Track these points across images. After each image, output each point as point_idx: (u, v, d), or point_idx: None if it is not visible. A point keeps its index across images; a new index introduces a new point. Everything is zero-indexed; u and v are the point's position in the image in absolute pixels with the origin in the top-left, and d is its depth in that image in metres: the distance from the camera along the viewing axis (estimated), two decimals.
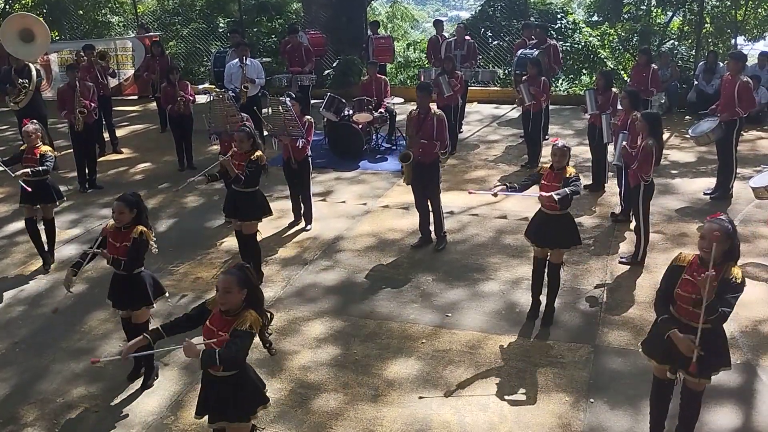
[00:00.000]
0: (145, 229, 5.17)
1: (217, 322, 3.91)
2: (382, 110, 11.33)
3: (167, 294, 5.59)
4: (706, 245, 3.98)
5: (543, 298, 6.20)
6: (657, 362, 4.33)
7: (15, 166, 7.20)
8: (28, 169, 7.06)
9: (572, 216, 6.03)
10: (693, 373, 4.08)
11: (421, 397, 5.15)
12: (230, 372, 3.93)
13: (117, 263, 5.14)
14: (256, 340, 4.02)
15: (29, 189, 7.03)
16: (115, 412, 5.15)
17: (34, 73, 10.65)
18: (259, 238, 7.13)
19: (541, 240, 5.96)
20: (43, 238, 7.70)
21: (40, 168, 7.10)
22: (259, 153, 6.75)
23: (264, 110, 11.09)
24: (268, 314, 4.13)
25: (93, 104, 9.94)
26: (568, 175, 5.74)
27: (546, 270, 6.08)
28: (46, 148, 7.31)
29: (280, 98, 8.23)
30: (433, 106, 7.97)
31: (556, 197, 5.57)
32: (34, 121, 7.55)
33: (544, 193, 5.68)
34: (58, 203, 7.59)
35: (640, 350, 4.47)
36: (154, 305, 5.41)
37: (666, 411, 4.52)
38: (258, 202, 6.87)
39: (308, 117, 8.16)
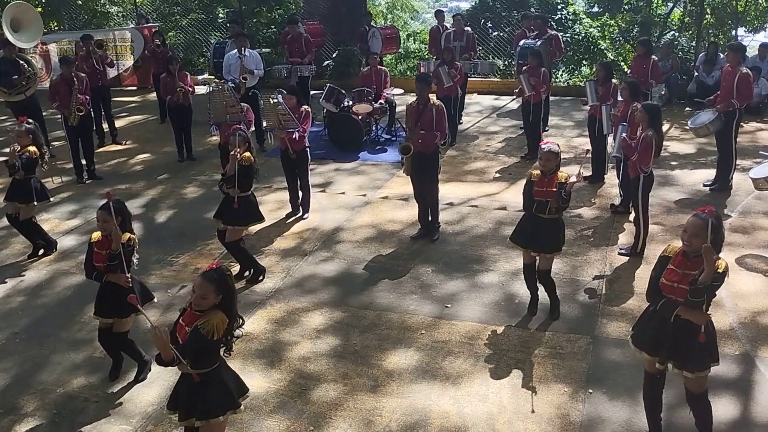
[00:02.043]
0: (132, 236, 5.17)
1: (188, 317, 3.89)
2: (381, 101, 11.31)
3: (155, 299, 5.55)
4: (687, 238, 4.05)
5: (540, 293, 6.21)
6: (646, 353, 4.32)
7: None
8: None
9: (563, 223, 5.93)
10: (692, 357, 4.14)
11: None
12: (200, 369, 3.88)
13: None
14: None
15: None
16: (115, 403, 5.16)
17: (33, 61, 10.70)
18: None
19: (526, 240, 5.84)
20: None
21: (16, 162, 7.13)
22: (247, 154, 6.63)
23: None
24: (240, 319, 4.05)
25: (86, 97, 9.90)
26: (562, 181, 5.59)
27: (539, 280, 6.01)
28: (32, 149, 7.25)
29: (271, 95, 8.23)
30: (432, 96, 7.95)
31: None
32: (30, 120, 7.53)
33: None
34: (36, 204, 7.46)
35: (630, 343, 4.46)
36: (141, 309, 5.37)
37: (659, 403, 4.52)
38: (250, 207, 6.71)
39: (305, 107, 8.16)
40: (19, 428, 4.93)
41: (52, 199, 7.84)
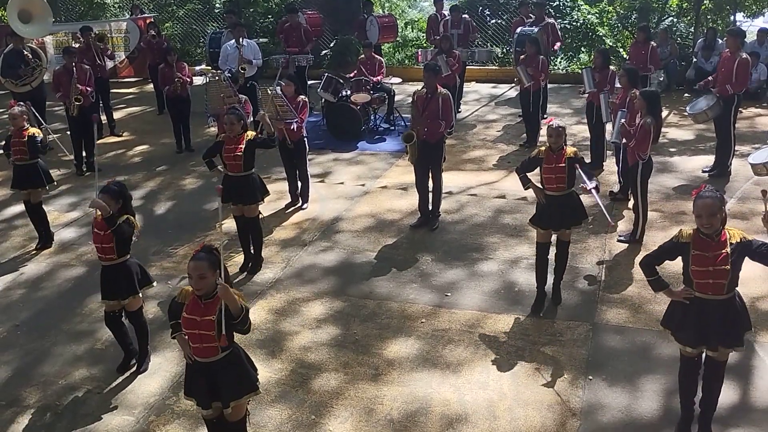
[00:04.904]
0: (130, 216, 5.17)
1: (197, 309, 3.89)
2: (375, 80, 11.18)
3: (154, 283, 5.55)
4: (706, 221, 4.04)
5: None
6: (692, 348, 4.29)
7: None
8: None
9: (577, 193, 6.00)
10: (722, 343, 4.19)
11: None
12: (227, 350, 3.95)
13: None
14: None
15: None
16: (117, 394, 5.18)
17: (41, 52, 10.73)
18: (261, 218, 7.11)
19: (555, 224, 5.87)
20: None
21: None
22: (251, 133, 6.68)
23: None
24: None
25: (90, 88, 9.92)
26: (571, 156, 5.71)
27: (556, 250, 6.03)
28: (33, 130, 7.28)
29: (269, 88, 8.23)
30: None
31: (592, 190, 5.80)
32: (21, 103, 7.55)
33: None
34: (48, 187, 7.52)
35: (673, 338, 4.42)
36: (140, 294, 5.36)
37: (697, 386, 4.50)
38: (255, 184, 6.77)
39: (302, 96, 8.14)
40: (21, 420, 4.95)
41: (55, 182, 7.83)
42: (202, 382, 4.03)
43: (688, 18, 15.11)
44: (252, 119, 8.41)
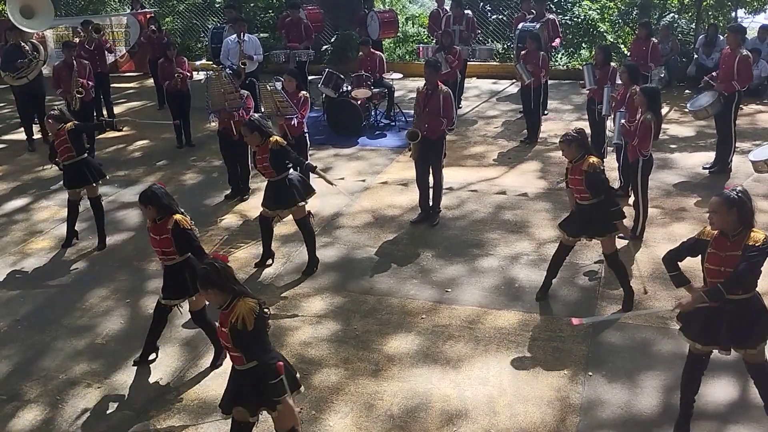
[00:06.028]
0: (178, 217, 5.11)
1: (221, 318, 3.95)
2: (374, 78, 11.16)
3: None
4: (708, 217, 4.10)
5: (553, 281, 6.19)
6: (701, 345, 4.27)
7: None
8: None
9: (612, 203, 5.74)
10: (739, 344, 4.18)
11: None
12: (251, 363, 3.95)
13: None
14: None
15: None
16: (117, 388, 5.20)
17: (41, 45, 10.75)
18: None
19: (587, 231, 5.77)
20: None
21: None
22: (275, 139, 6.48)
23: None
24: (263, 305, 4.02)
25: (90, 83, 9.91)
26: (585, 168, 5.56)
27: (606, 264, 6.00)
28: (68, 125, 7.08)
29: (268, 84, 8.21)
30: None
31: None
32: (54, 107, 7.53)
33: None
34: (100, 182, 7.39)
35: (680, 333, 4.41)
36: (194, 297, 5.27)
37: (699, 385, 4.48)
38: (293, 186, 6.61)
39: (303, 92, 8.12)
40: (22, 414, 4.96)
41: (107, 177, 7.72)
42: (229, 386, 4.10)
43: (690, 14, 15.09)
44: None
